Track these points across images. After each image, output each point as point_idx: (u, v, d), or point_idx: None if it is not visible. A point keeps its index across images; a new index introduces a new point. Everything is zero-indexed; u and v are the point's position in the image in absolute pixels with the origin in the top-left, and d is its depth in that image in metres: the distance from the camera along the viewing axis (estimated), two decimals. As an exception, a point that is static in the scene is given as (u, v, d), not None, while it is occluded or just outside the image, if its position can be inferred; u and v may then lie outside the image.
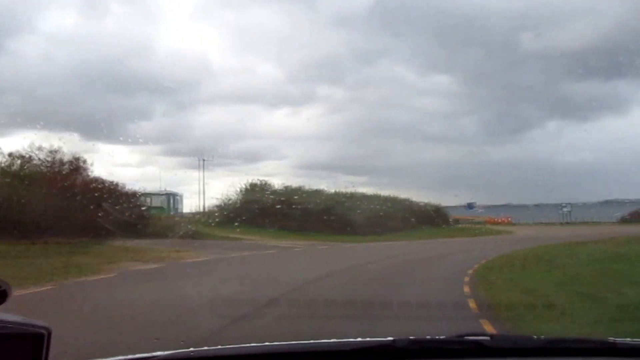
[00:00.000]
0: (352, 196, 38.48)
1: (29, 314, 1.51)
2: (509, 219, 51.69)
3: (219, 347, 2.07)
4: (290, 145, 57.76)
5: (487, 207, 46.97)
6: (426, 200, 43.43)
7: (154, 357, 1.87)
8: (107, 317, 7.70)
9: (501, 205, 46.80)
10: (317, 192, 37.79)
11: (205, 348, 2.11)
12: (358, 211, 34.19)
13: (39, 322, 1.44)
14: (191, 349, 2.04)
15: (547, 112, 58.30)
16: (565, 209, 53.29)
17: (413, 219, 38.55)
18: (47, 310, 8.11)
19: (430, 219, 41.50)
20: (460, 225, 46.63)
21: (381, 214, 35.67)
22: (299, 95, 57.24)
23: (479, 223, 46.99)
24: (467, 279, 12.71)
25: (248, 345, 2.04)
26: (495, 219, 49.13)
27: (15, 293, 1.58)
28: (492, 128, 55.47)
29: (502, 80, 53.50)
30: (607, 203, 44.66)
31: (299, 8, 56.01)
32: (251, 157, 61.75)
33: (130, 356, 1.94)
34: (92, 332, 6.49)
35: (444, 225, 42.40)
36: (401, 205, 39.81)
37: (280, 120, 52.58)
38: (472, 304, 8.98)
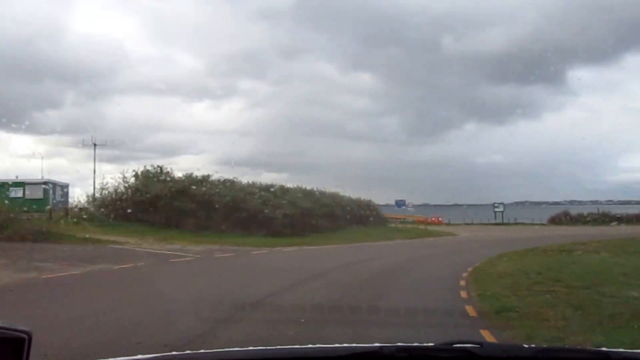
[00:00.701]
0: (268, 188, 31.14)
1: None
2: (439, 218, 49.84)
3: (202, 351, 2.14)
4: (209, 140, 53.78)
5: (418, 207, 45.37)
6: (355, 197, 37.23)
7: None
8: None
9: (433, 205, 45.74)
10: (228, 183, 29.88)
11: (188, 352, 2.11)
12: (276, 208, 27.02)
13: (20, 326, 1.42)
14: (174, 352, 2.08)
15: (466, 114, 58.54)
16: (497, 209, 52.86)
17: (344, 217, 32.08)
18: None
19: (363, 218, 35.29)
20: (392, 225, 41.47)
21: (305, 211, 28.75)
22: (220, 89, 54.91)
23: (409, 222, 43.72)
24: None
25: (232, 349, 2.08)
26: (426, 219, 46.53)
27: None
28: (413, 128, 55.04)
29: (423, 81, 53.67)
30: (521, 204, 45.59)
31: (222, -1, 49.01)
32: (168, 151, 58.39)
33: (111, 359, 1.91)
34: None
35: (379, 225, 36.31)
36: (329, 201, 33.06)
37: (200, 113, 49.33)
38: None
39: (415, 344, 1.99)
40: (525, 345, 1.99)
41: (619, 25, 43.47)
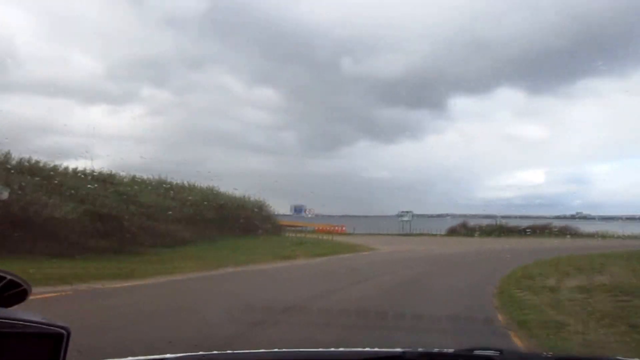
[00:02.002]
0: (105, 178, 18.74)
1: None
2: (343, 227, 45.18)
3: (229, 352, 2.14)
4: (105, 145, 46.15)
5: (322, 217, 42.97)
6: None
7: (164, 359, 1.86)
8: None
9: (327, 215, 43.14)
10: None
11: (216, 352, 2.09)
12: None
13: (59, 322, 1.40)
14: (201, 352, 1.99)
15: (360, 132, 64.38)
16: (404, 219, 50.78)
17: (218, 222, 20.77)
18: None
19: (248, 224, 24.16)
20: (291, 235, 31.62)
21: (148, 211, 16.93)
22: (120, 94, 53.34)
23: (309, 231, 37.34)
24: None
25: (258, 351, 2.14)
26: (328, 227, 41.48)
27: None
28: (311, 142, 58.92)
29: (323, 99, 56.79)
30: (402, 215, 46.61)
31: (125, 2, 51.57)
32: (58, 155, 45.51)
33: (141, 357, 1.89)
34: None
35: (272, 234, 25.44)
36: (201, 197, 21.51)
37: (96, 117, 46.93)
38: None
39: (436, 350, 2.00)
40: (544, 354, 2.12)
41: (493, 62, 50.09)
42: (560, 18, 47.82)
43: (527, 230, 45.40)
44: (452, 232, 46.68)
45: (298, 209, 47.84)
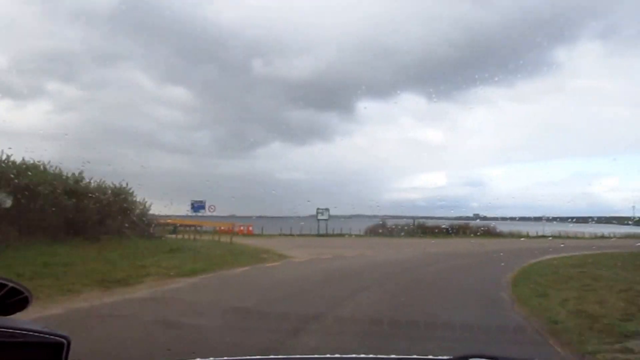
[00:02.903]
0: None
1: None
2: (250, 227, 41.08)
3: (226, 358, 2.05)
4: (7, 142, 37.18)
5: (237, 218, 39.93)
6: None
7: None
8: None
9: (255, 217, 40.41)
10: None
11: (212, 358, 2.00)
12: None
13: (59, 331, 1.42)
14: (198, 359, 1.99)
15: (272, 134, 65.07)
16: (322, 217, 46.22)
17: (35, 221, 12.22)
18: None
19: (99, 223, 15.58)
20: (178, 236, 24.31)
21: None
22: (25, 88, 43.77)
23: (207, 232, 31.06)
24: None
25: (254, 357, 2.10)
26: (232, 226, 36.77)
27: None
28: (226, 143, 58.87)
29: (235, 100, 56.47)
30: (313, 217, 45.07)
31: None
32: None
33: None
34: None
35: (144, 237, 17.23)
36: None
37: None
38: None
39: (430, 357, 2.02)
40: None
41: (396, 68, 51.65)
42: (454, 29, 51.47)
43: (449, 229, 44.01)
44: (373, 232, 43.92)
45: (197, 206, 39.84)
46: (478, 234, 39.98)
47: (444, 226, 45.22)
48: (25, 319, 1.39)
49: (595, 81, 69.16)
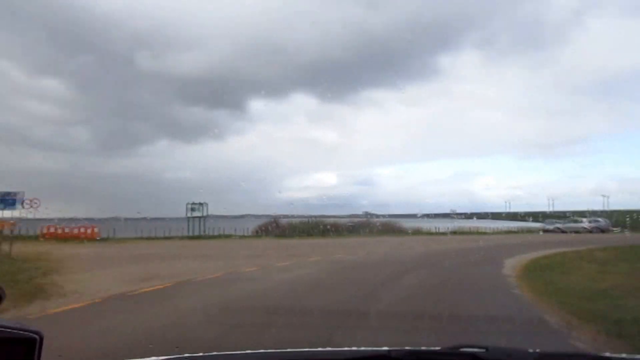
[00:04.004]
0: None
1: None
2: (94, 229, 32.08)
3: (214, 353, 2.04)
4: None
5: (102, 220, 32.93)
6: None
7: None
8: None
9: (127, 218, 35.01)
10: None
11: (200, 354, 2.00)
12: None
13: (32, 327, 1.40)
14: (186, 354, 1.98)
15: (159, 131, 58.13)
16: (195, 213, 38.99)
17: None
18: None
19: None
20: None
21: None
22: None
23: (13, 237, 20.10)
24: None
25: (243, 352, 2.05)
26: (58, 231, 30.04)
27: None
28: (107, 140, 51.98)
29: (118, 94, 48.65)
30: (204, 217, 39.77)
31: None
32: None
33: None
34: None
35: None
36: None
37: None
38: None
39: (423, 348, 2.00)
40: (530, 350, 1.98)
41: (289, 68, 47.31)
42: (346, 32, 51.44)
43: (351, 227, 41.02)
44: (263, 232, 39.93)
45: (8, 200, 28.94)
46: (376, 231, 37.73)
47: (350, 224, 42.41)
48: None
49: (476, 87, 78.49)
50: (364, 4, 56.37)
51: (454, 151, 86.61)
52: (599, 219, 43.26)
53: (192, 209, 38.82)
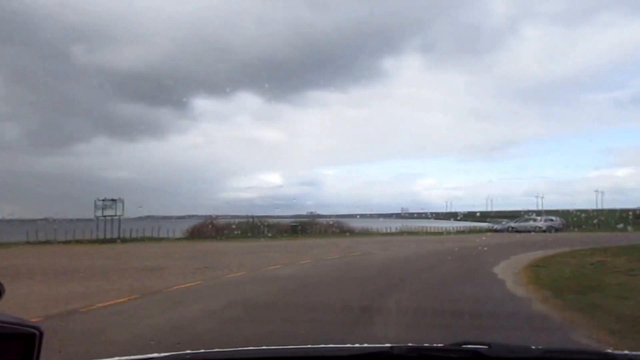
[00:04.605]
0: None
1: None
2: None
3: (216, 349, 2.03)
4: None
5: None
6: None
7: (150, 358, 1.82)
8: None
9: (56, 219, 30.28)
10: None
11: (202, 350, 1.97)
12: None
13: (31, 322, 1.39)
14: (187, 351, 1.91)
15: (97, 128, 58.32)
16: (108, 212, 32.51)
17: None
18: None
19: None
20: None
21: None
22: None
23: None
24: None
25: (246, 348, 2.03)
26: None
27: None
28: (38, 137, 51.20)
29: (51, 89, 49.38)
30: (145, 219, 36.13)
31: None
32: None
33: (127, 357, 1.84)
34: None
35: None
36: None
37: None
38: None
39: (425, 344, 1.98)
40: (533, 347, 1.95)
41: (234, 66, 49.98)
42: (292, 32, 51.26)
43: (295, 227, 38.18)
44: (197, 234, 35.44)
45: None
46: (322, 231, 35.44)
47: (293, 223, 39.52)
48: None
49: (419, 90, 77.52)
50: (310, 5, 56.57)
51: (398, 153, 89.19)
52: (553, 218, 40.96)
53: (104, 207, 31.99)
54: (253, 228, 37.21)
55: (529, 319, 7.32)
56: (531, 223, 40.27)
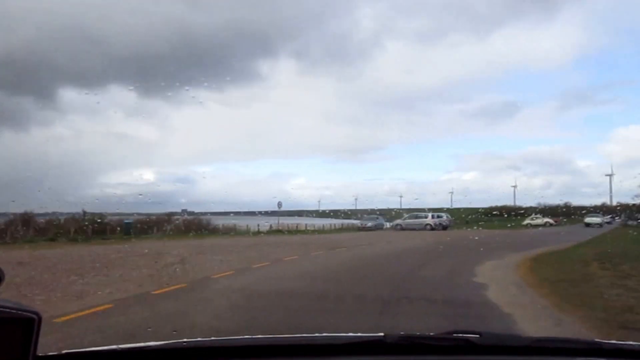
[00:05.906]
0: None
1: None
2: None
3: (212, 338, 2.05)
4: None
5: None
6: None
7: (147, 347, 1.82)
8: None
9: None
10: None
11: (199, 339, 2.00)
12: None
13: (30, 307, 1.38)
14: (184, 339, 1.92)
15: None
16: None
17: None
18: None
19: None
20: None
21: None
22: None
23: None
24: None
25: (241, 337, 2.06)
26: None
27: None
28: None
29: None
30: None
31: None
32: None
33: (123, 346, 1.83)
34: None
35: None
36: None
37: None
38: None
39: (418, 333, 2.00)
40: (522, 336, 1.99)
41: (107, 58, 48.39)
42: (168, 28, 50.82)
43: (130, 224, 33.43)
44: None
45: None
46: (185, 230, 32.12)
47: (127, 220, 33.48)
48: None
49: (292, 93, 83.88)
50: (188, 2, 56.94)
51: (271, 153, 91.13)
52: (442, 215, 40.06)
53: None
54: (82, 227, 28.59)
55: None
56: (420, 220, 38.84)
